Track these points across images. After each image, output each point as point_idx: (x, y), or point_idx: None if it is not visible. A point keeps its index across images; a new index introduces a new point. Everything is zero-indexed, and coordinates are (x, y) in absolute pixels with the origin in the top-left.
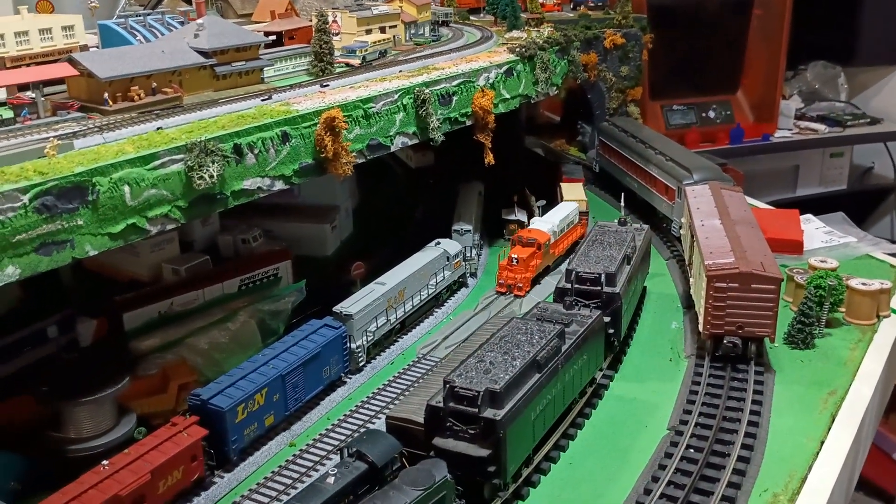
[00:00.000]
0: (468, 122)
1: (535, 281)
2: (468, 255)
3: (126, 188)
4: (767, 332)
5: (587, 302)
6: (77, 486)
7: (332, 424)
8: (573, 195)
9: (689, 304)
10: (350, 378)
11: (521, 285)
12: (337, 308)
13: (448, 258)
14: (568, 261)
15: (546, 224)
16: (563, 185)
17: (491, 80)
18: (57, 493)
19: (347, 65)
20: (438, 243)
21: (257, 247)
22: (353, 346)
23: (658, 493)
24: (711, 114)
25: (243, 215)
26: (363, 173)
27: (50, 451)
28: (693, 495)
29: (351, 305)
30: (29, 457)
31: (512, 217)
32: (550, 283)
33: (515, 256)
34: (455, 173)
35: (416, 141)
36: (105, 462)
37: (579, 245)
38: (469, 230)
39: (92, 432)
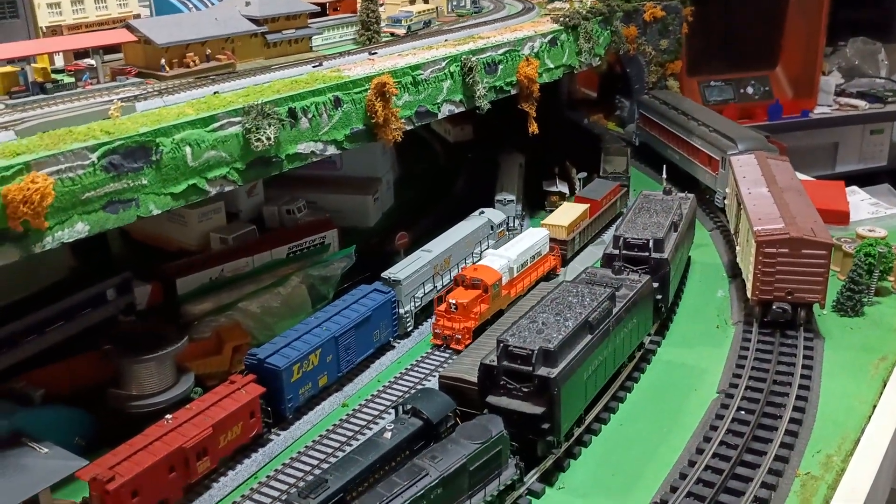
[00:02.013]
0: (513, 91)
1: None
2: (511, 224)
3: (187, 149)
4: (817, 298)
5: (635, 268)
6: (142, 438)
7: (383, 386)
8: (558, 218)
9: (734, 273)
10: (399, 342)
11: (459, 337)
12: (385, 274)
13: (492, 227)
14: (615, 227)
15: (499, 259)
16: (558, 202)
17: (535, 50)
18: (124, 445)
19: (393, 34)
20: (482, 212)
21: (301, 217)
22: (402, 311)
23: (710, 453)
24: (750, 90)
25: (287, 187)
26: (403, 148)
27: (112, 408)
28: (746, 455)
29: (399, 271)
30: (92, 413)
31: (553, 188)
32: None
33: (454, 302)
34: (494, 147)
35: (462, 109)
36: (168, 416)
37: (625, 213)
38: (512, 200)
39: (153, 389)
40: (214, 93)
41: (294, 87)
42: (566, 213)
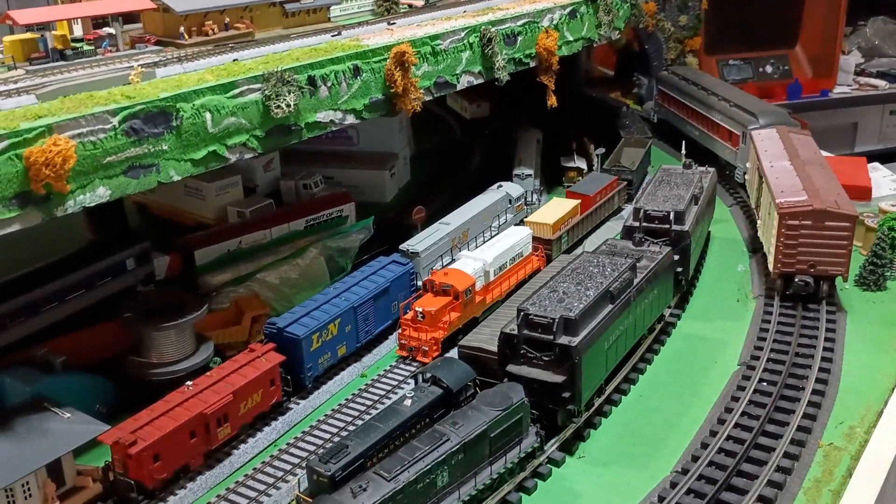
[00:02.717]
0: (532, 64)
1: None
2: (529, 199)
3: (207, 115)
4: (840, 271)
5: (655, 240)
6: (164, 404)
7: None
8: (544, 216)
9: (754, 247)
10: None
11: (426, 349)
12: (404, 246)
13: (510, 201)
14: (635, 200)
15: (473, 262)
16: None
17: (555, 21)
18: (145, 410)
19: (410, 6)
20: (500, 186)
21: (318, 192)
22: (420, 283)
23: (732, 423)
24: (769, 68)
25: (304, 162)
26: (419, 124)
27: (132, 376)
28: (768, 425)
29: (417, 243)
30: (112, 381)
31: (571, 164)
32: None
33: (420, 310)
34: (510, 124)
35: (481, 80)
36: (189, 382)
37: (645, 185)
38: (530, 174)
39: (173, 357)
40: (234, 60)
41: (313, 55)
42: (553, 210)
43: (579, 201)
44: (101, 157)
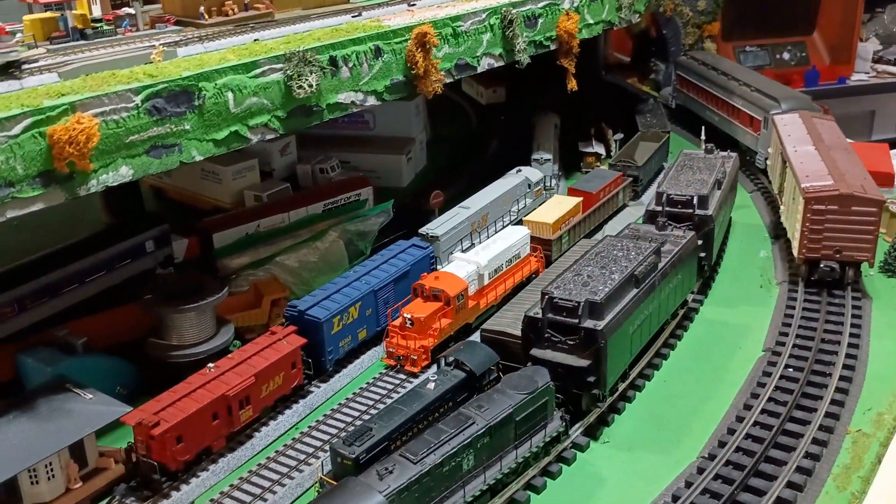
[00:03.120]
0: (552, 47)
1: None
2: (548, 183)
3: (230, 95)
4: (867, 257)
5: (678, 225)
6: (185, 385)
7: None
8: (543, 214)
9: (776, 233)
10: None
11: (415, 358)
12: (423, 230)
13: (529, 185)
14: (657, 184)
15: (466, 265)
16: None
17: (576, 4)
18: (167, 392)
19: None
20: (520, 170)
21: (335, 176)
22: (440, 268)
23: (759, 409)
24: (786, 55)
25: (321, 146)
26: (435, 110)
27: (152, 358)
28: (795, 411)
29: (437, 227)
30: (133, 363)
31: (589, 149)
32: None
33: (409, 316)
34: (527, 110)
35: (501, 63)
36: (211, 364)
37: (666, 170)
38: (549, 159)
39: (193, 340)
40: (255, 40)
41: (335, 35)
42: (553, 208)
43: (581, 199)
44: (123, 136)
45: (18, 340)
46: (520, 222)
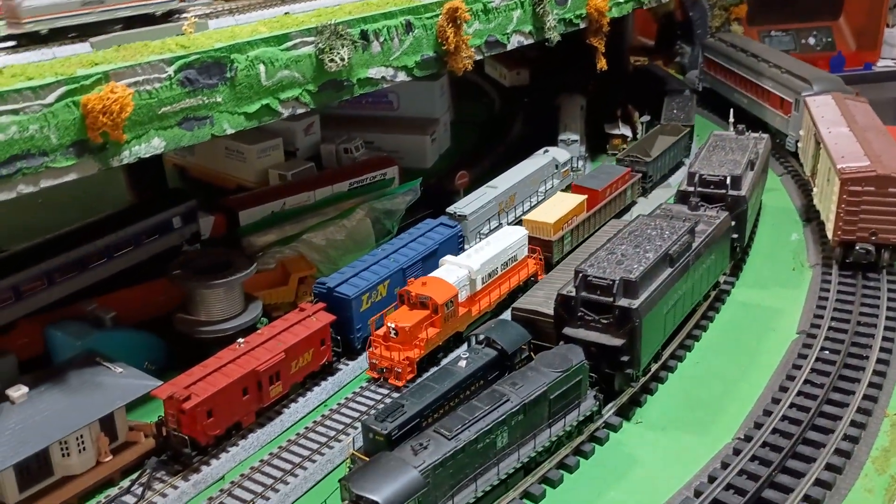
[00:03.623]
0: (582, 25)
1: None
2: (575, 165)
3: (261, 67)
4: None
5: (711, 205)
6: (216, 360)
7: None
8: (544, 213)
9: (808, 216)
10: None
11: (399, 370)
12: (451, 209)
13: (557, 166)
14: (689, 164)
15: (457, 269)
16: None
17: None
18: (197, 366)
19: None
20: (547, 151)
21: (359, 156)
22: (468, 246)
23: (795, 391)
24: (811, 40)
25: (345, 126)
26: (458, 92)
27: (180, 333)
28: (832, 393)
29: (465, 206)
30: (161, 338)
31: (615, 131)
32: None
33: (393, 325)
34: (550, 92)
35: (531, 41)
36: (241, 340)
37: (698, 150)
38: (576, 140)
39: (221, 316)
40: (286, 13)
41: (366, 9)
42: (555, 207)
43: (585, 197)
44: (156, 108)
45: (48, 314)
46: (519, 222)
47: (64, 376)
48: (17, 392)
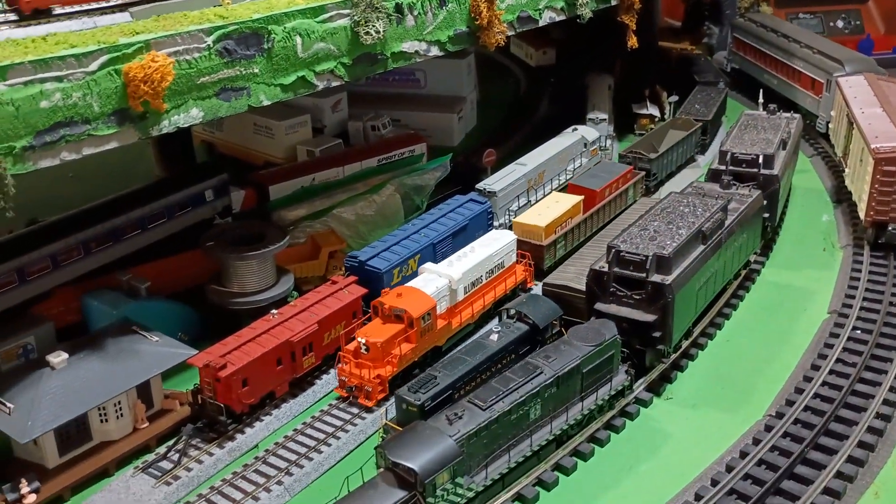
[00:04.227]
0: (613, 2)
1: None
2: (603, 144)
3: (298, 39)
4: None
5: (742, 184)
6: (250, 331)
7: None
8: (535, 216)
9: (839, 198)
10: None
11: (369, 389)
12: (480, 185)
13: (585, 144)
14: (721, 143)
15: (436, 279)
16: (523, 216)
17: None
18: (232, 336)
19: None
20: (576, 129)
21: (386, 134)
22: (496, 223)
23: (827, 370)
24: (839, 23)
25: (372, 104)
26: (484, 71)
27: (213, 304)
28: (865, 372)
29: (494, 183)
30: (194, 309)
31: (643, 111)
32: None
33: (364, 341)
34: (576, 72)
35: (563, 17)
36: (274, 311)
37: (730, 129)
38: (604, 119)
39: (254, 287)
40: None
41: None
42: (549, 208)
43: (582, 197)
44: (195, 77)
45: (84, 284)
46: (511, 227)
47: (102, 344)
48: (58, 358)
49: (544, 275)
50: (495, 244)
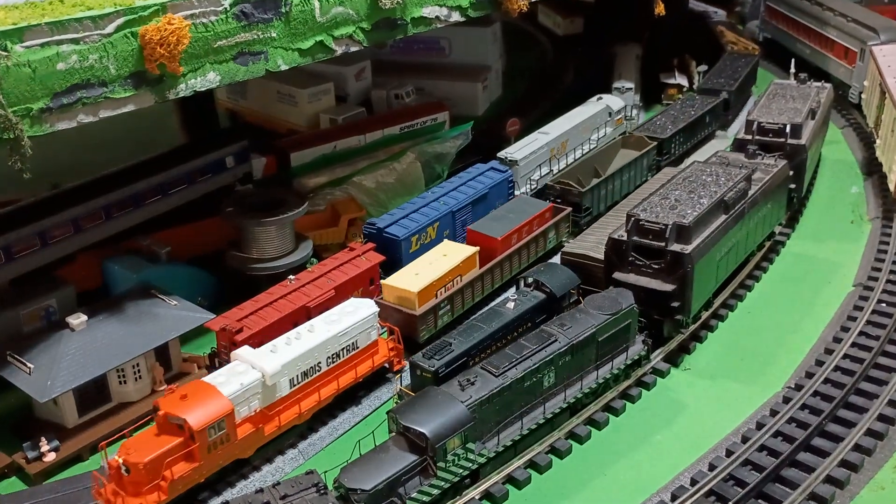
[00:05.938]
0: None
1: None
2: (629, 113)
3: (316, 3)
4: None
5: (769, 154)
6: (267, 296)
7: None
8: (406, 278)
9: (869, 170)
10: None
11: None
12: (502, 154)
13: (610, 114)
14: (748, 112)
15: (244, 374)
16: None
17: None
18: (249, 301)
19: None
20: (601, 98)
21: (410, 102)
22: (518, 192)
23: (849, 342)
24: None
25: (396, 72)
26: (510, 41)
27: (232, 270)
28: (888, 346)
29: (516, 152)
30: (213, 274)
31: (671, 80)
32: None
33: (123, 461)
34: (604, 42)
35: None
36: (291, 277)
37: (758, 99)
38: (631, 88)
39: (273, 253)
40: None
41: None
42: (430, 265)
43: (476, 250)
44: (211, 41)
45: (105, 248)
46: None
47: (121, 307)
48: (77, 320)
49: (418, 348)
50: (346, 320)
